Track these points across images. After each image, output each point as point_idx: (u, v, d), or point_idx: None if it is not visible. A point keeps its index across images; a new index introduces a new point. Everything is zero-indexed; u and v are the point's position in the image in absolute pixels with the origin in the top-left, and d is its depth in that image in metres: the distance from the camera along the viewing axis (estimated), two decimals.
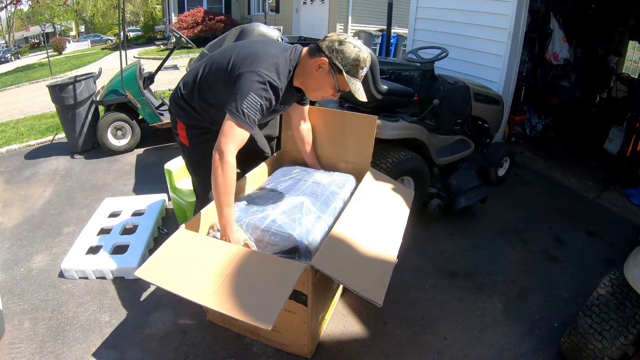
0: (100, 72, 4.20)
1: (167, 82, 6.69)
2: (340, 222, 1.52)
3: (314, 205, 1.62)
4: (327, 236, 1.44)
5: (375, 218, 1.67)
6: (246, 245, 1.41)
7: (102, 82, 4.10)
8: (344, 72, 1.42)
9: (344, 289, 1.95)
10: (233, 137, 1.33)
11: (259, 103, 1.34)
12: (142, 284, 2.10)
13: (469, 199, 2.63)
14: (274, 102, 1.41)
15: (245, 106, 1.32)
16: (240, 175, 1.76)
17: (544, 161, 3.88)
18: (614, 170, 3.64)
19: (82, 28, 33.35)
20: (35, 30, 29.19)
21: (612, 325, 1.43)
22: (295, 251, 1.43)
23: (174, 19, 14.27)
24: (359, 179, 1.88)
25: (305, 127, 1.89)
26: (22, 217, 2.82)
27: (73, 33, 31.74)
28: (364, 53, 1.43)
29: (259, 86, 1.34)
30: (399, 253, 1.52)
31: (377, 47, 9.22)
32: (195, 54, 9.06)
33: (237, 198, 1.63)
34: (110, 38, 25.64)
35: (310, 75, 1.48)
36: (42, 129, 4.92)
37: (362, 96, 1.46)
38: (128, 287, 2.07)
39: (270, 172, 1.99)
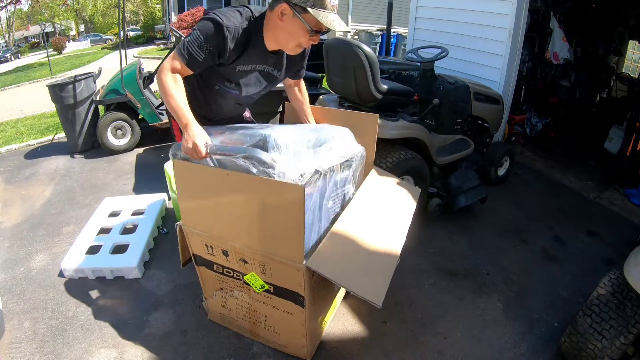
0: (100, 72, 4.20)
1: None
2: (341, 220, 1.50)
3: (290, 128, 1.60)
4: (327, 235, 1.43)
5: (378, 216, 1.66)
6: (206, 145, 1.32)
7: (102, 82, 4.10)
8: (308, 9, 1.32)
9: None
10: (170, 62, 1.38)
11: (200, 38, 1.34)
12: (142, 284, 2.10)
13: (469, 199, 2.63)
14: (226, 43, 1.36)
15: (187, 39, 1.36)
16: None
17: (544, 161, 3.88)
18: (614, 170, 3.64)
19: (82, 27, 33.33)
20: (35, 29, 29.16)
21: (612, 325, 1.43)
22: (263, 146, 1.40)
23: (174, 18, 14.27)
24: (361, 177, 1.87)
25: (303, 100, 1.86)
26: (22, 216, 2.82)
27: (73, 32, 31.71)
28: None
29: (203, 23, 1.36)
30: (400, 252, 1.52)
31: (377, 47, 9.22)
32: None
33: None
34: (110, 37, 25.65)
35: (277, 28, 1.40)
36: (42, 128, 4.92)
37: (339, 26, 1.36)
38: (128, 287, 2.07)
39: None
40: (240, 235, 1.37)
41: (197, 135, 1.31)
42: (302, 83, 1.86)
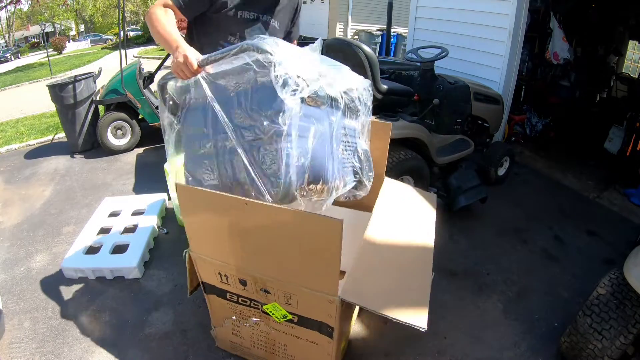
0: (100, 72, 4.20)
1: None
2: (366, 240, 1.41)
3: None
4: (355, 261, 1.34)
5: (402, 229, 1.57)
6: (197, 59, 1.20)
7: (102, 82, 4.10)
8: None
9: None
10: (159, 1, 1.37)
11: None
12: (142, 284, 2.10)
13: (469, 199, 2.63)
14: None
15: None
16: None
17: (544, 161, 3.88)
18: (614, 170, 3.64)
19: (82, 27, 33.33)
20: (35, 29, 29.17)
21: (612, 325, 1.43)
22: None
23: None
24: (374, 189, 1.72)
25: None
26: (22, 216, 2.82)
27: (73, 32, 31.72)
28: None
29: None
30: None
31: (377, 47, 9.22)
32: None
33: None
34: (110, 37, 25.65)
35: None
36: (42, 128, 4.92)
37: None
38: (128, 287, 2.08)
39: None
40: (262, 266, 1.28)
41: (187, 50, 1.20)
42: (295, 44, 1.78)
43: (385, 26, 6.20)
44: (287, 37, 1.71)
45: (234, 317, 1.49)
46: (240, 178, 1.20)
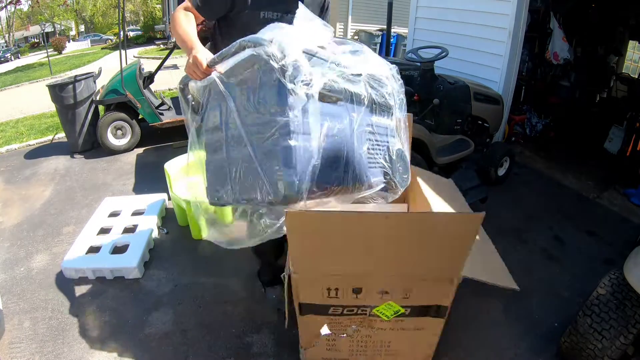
0: (100, 72, 4.20)
1: (167, 81, 6.69)
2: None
3: None
4: None
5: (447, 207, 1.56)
6: (207, 59, 1.22)
7: (102, 82, 4.10)
8: None
9: None
10: (183, 4, 1.41)
11: None
12: (142, 284, 2.10)
13: (469, 199, 2.63)
14: None
15: None
16: None
17: (544, 161, 3.88)
18: (614, 170, 3.64)
19: (82, 27, 33.33)
20: (35, 29, 29.16)
21: (612, 325, 1.43)
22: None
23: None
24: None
25: None
26: (22, 216, 2.82)
27: (73, 33, 31.71)
28: None
29: None
30: None
31: (377, 47, 9.22)
32: None
33: None
34: (110, 37, 25.65)
35: None
36: (42, 128, 4.92)
37: None
38: (128, 287, 2.07)
39: None
40: (387, 269, 1.25)
41: (199, 52, 1.24)
42: None
43: (385, 26, 6.20)
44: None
45: (328, 332, 1.45)
46: (249, 179, 1.16)
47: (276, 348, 1.71)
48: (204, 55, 1.22)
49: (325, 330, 1.44)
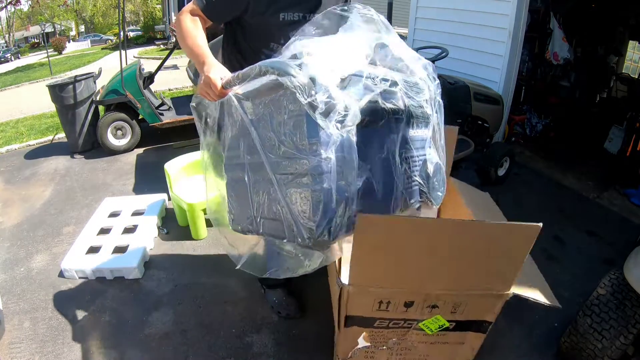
0: (100, 72, 4.21)
1: (167, 81, 6.69)
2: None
3: None
4: None
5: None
6: (222, 79, 1.10)
7: (102, 82, 4.10)
8: None
9: None
10: (190, 6, 1.28)
11: None
12: (142, 284, 2.10)
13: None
14: None
15: None
16: None
17: (544, 161, 3.88)
18: (614, 170, 3.64)
19: (82, 28, 33.35)
20: (35, 30, 29.18)
21: (612, 325, 1.43)
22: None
23: (174, 18, 14.24)
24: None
25: None
26: (22, 216, 2.82)
27: (73, 33, 31.73)
28: None
29: None
30: None
31: None
32: None
33: None
34: (110, 38, 25.66)
35: None
36: (42, 128, 4.93)
37: None
38: (128, 287, 2.08)
39: None
40: (440, 282, 1.22)
41: (212, 69, 1.10)
42: None
43: None
44: None
45: (367, 345, 1.43)
46: (275, 216, 1.05)
47: (276, 348, 1.71)
48: (219, 74, 1.09)
49: (363, 342, 1.41)
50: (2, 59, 20.58)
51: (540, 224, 1.06)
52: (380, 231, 1.14)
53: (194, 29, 1.24)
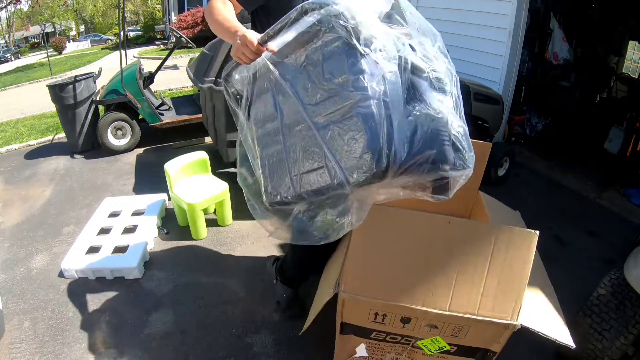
0: (100, 72, 4.20)
1: (167, 81, 6.69)
2: None
3: None
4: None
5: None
6: (259, 38, 1.08)
7: (102, 82, 4.10)
8: None
9: None
10: None
11: None
12: (142, 284, 2.10)
13: None
14: None
15: None
16: None
17: (544, 161, 3.88)
18: (614, 170, 3.64)
19: (82, 28, 33.35)
20: (35, 30, 29.19)
21: (612, 325, 1.43)
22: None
23: (174, 18, 14.28)
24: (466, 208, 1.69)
25: None
26: (22, 217, 2.82)
27: (73, 33, 31.74)
28: None
29: None
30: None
31: None
32: (195, 53, 9.06)
33: None
34: (110, 38, 25.67)
35: None
36: (42, 128, 4.92)
37: None
38: (128, 287, 2.07)
39: None
40: (439, 300, 1.18)
41: (247, 31, 1.11)
42: None
43: None
44: None
45: (365, 354, 1.42)
46: (314, 165, 1.02)
47: (276, 348, 1.71)
48: (253, 34, 1.08)
49: (361, 351, 1.40)
50: (2, 59, 20.58)
51: (537, 231, 1.05)
52: (377, 223, 1.14)
53: (223, 8, 1.25)
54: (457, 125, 1.16)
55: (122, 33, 4.29)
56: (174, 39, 4.06)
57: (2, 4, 15.20)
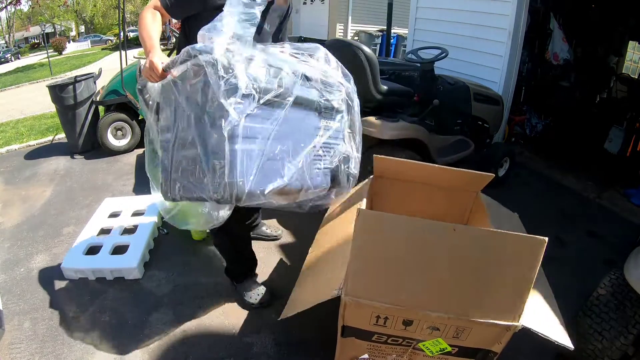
0: (100, 72, 4.21)
1: None
2: None
3: None
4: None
5: None
6: (163, 63, 1.30)
7: (102, 82, 4.10)
8: None
9: None
10: (153, 1, 1.47)
11: None
12: (142, 285, 2.10)
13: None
14: None
15: None
16: None
17: (544, 161, 3.88)
18: (614, 170, 3.64)
19: (82, 28, 33.38)
20: (35, 30, 29.21)
21: (612, 326, 1.43)
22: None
23: (174, 19, 14.22)
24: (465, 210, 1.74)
25: None
26: (22, 217, 2.82)
27: (73, 33, 31.76)
28: None
29: None
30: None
31: (377, 47, 9.23)
32: None
33: None
34: (110, 38, 25.69)
35: None
36: (42, 129, 4.93)
37: None
38: (128, 287, 2.07)
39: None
40: (442, 302, 1.19)
41: (155, 55, 1.32)
42: None
43: (385, 27, 6.20)
44: (276, 39, 1.76)
45: (366, 357, 1.42)
46: (196, 178, 1.24)
47: (276, 348, 1.71)
48: (160, 59, 1.30)
49: (364, 357, 1.42)
50: (2, 60, 20.59)
51: (546, 238, 1.04)
52: (379, 229, 1.14)
53: (151, 21, 1.42)
54: (342, 152, 1.48)
55: (122, 33, 4.30)
56: (173, 40, 4.07)
57: (2, 5, 15.20)
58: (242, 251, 1.93)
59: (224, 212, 1.40)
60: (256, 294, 1.93)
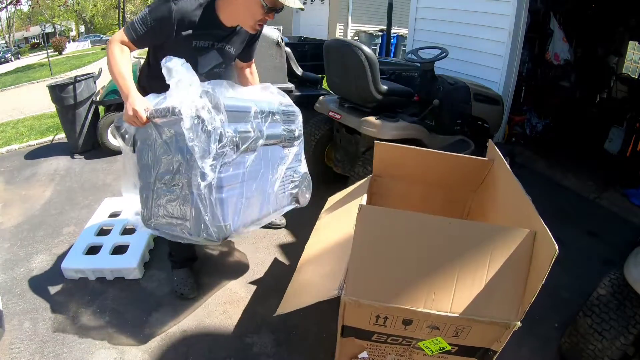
0: (100, 72, 4.20)
1: None
2: None
3: None
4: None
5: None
6: (146, 110, 1.33)
7: (102, 82, 4.10)
8: None
9: None
10: (119, 35, 1.51)
11: (145, 12, 1.46)
12: (142, 284, 2.10)
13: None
14: (171, 17, 1.44)
15: (136, 18, 1.48)
16: None
17: (544, 161, 3.88)
18: (614, 170, 3.64)
19: (82, 28, 33.36)
20: (35, 30, 29.21)
21: (612, 326, 1.43)
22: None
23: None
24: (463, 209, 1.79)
25: (254, 82, 1.93)
26: (22, 217, 2.82)
27: (73, 33, 31.75)
28: None
29: (156, 4, 1.46)
30: None
31: (377, 47, 9.23)
32: None
33: None
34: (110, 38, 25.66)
35: (232, 3, 1.48)
36: (42, 129, 4.93)
37: (294, 3, 1.45)
38: (128, 287, 2.07)
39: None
40: (444, 301, 1.18)
41: (137, 101, 1.33)
42: (254, 66, 1.92)
43: (385, 27, 6.21)
44: (247, 57, 1.84)
45: (366, 357, 1.42)
46: (178, 218, 1.40)
47: (276, 348, 1.71)
48: (142, 106, 1.33)
49: (364, 355, 1.42)
50: (2, 59, 20.59)
51: (534, 230, 1.06)
52: (379, 225, 1.16)
53: (121, 57, 1.45)
54: (301, 172, 1.84)
55: None
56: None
57: (2, 4, 15.20)
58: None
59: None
60: (183, 284, 1.99)
